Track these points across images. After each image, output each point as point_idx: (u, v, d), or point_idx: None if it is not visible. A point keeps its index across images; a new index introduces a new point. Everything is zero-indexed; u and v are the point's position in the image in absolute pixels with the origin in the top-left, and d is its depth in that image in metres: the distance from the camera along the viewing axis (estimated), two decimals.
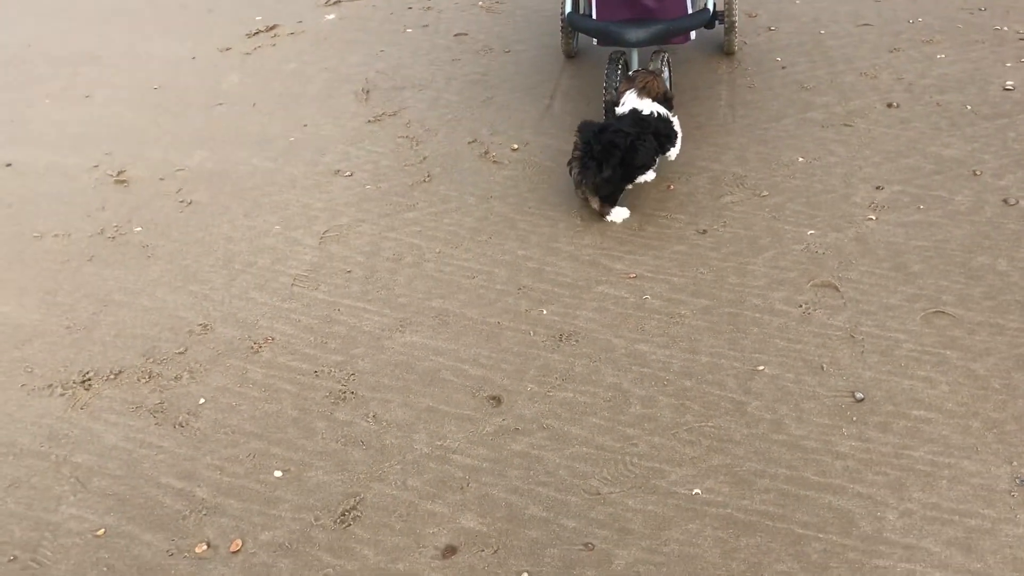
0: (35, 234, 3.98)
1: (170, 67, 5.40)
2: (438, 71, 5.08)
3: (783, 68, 4.75)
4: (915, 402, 2.81)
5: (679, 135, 3.83)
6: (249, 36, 5.75)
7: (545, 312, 3.30)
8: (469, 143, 4.35)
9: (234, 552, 2.55)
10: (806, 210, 3.69)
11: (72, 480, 2.81)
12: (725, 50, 4.90)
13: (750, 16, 5.33)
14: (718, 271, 3.42)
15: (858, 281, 3.30)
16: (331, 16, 5.94)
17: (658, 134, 3.70)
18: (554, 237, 3.67)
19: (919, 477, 2.58)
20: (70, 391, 3.13)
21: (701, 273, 3.42)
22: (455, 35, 5.48)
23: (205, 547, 2.57)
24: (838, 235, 3.53)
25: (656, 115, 3.74)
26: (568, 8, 4.33)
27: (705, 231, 3.63)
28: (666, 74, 4.23)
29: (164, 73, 5.33)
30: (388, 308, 3.37)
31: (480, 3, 5.92)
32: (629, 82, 3.87)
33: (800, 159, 4.01)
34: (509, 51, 5.23)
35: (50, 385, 3.17)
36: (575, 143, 3.65)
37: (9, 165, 4.52)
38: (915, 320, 3.11)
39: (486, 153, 4.27)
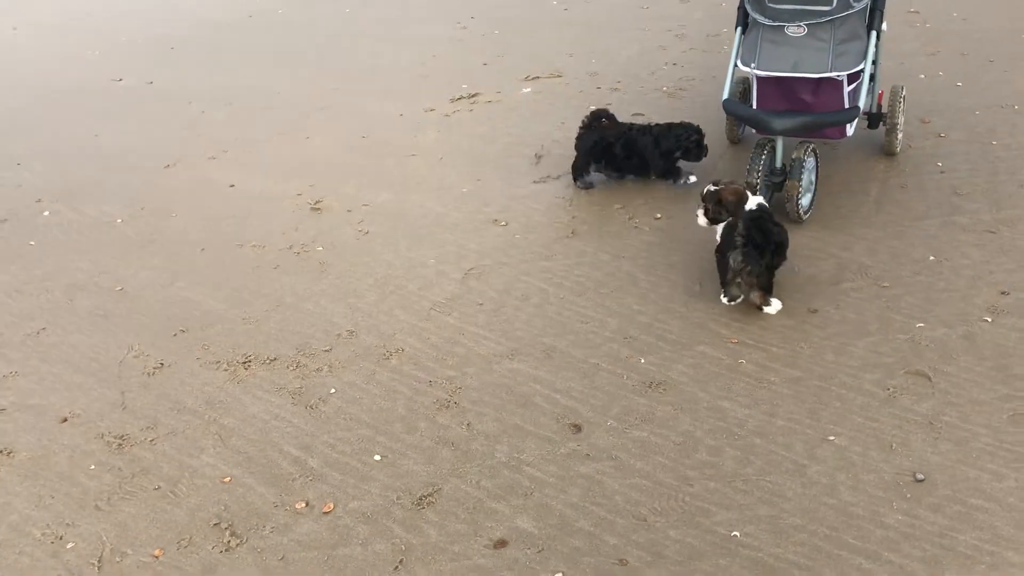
0: (238, 243, 4.72)
1: (381, 121, 6.16)
2: None
3: (942, 173, 4.80)
4: (976, 491, 2.84)
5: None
6: (452, 100, 6.44)
7: (643, 361, 3.58)
8: (617, 208, 4.73)
9: (325, 512, 2.99)
10: (922, 304, 3.75)
11: (216, 437, 3.37)
12: (886, 150, 5.01)
13: (923, 122, 5.39)
14: (817, 348, 3.57)
15: (953, 375, 3.35)
16: (527, 89, 6.55)
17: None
18: (671, 298, 3.95)
19: (957, 558, 2.63)
20: (232, 368, 3.74)
21: (800, 348, 3.58)
22: (632, 114, 5.89)
23: (303, 505, 3.03)
24: (947, 331, 3.58)
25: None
26: (725, 94, 4.63)
27: (816, 311, 3.78)
28: (811, 164, 4.43)
29: (374, 125, 6.09)
30: (504, 338, 3.77)
31: (664, 88, 6.33)
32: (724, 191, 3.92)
33: (931, 257, 4.07)
34: None
35: (218, 361, 3.79)
36: (739, 231, 3.68)
37: (232, 186, 5.36)
38: (1001, 418, 3.12)
39: (631, 219, 4.62)
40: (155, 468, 3.25)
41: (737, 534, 2.78)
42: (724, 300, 3.83)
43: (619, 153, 4.89)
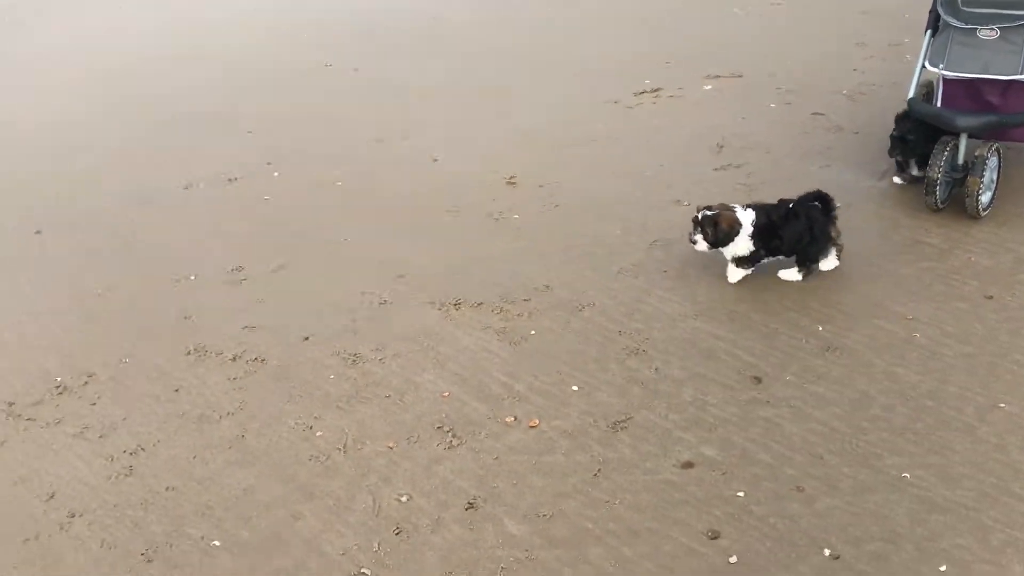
0: (443, 208, 5.26)
1: (567, 109, 6.62)
2: (787, 140, 5.77)
3: None
4: None
5: None
6: (636, 94, 6.83)
7: (820, 328, 3.87)
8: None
9: (531, 427, 3.44)
10: None
11: (434, 361, 3.89)
12: None
13: None
14: (992, 329, 3.76)
15: None
16: (708, 87, 6.87)
17: None
18: (848, 275, 4.21)
19: None
20: (445, 308, 4.26)
21: (975, 328, 3.78)
22: (812, 113, 6.12)
23: (512, 419, 3.49)
24: None
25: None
26: (911, 93, 4.83)
27: (992, 297, 3.97)
28: (994, 163, 4.58)
29: (561, 113, 6.55)
30: (688, 301, 4.13)
31: (844, 91, 6.51)
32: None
33: None
34: (858, 132, 5.78)
35: (432, 302, 4.32)
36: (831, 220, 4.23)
37: (435, 160, 5.93)
38: None
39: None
40: (384, 381, 3.78)
41: (907, 475, 3.05)
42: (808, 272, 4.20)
43: None
